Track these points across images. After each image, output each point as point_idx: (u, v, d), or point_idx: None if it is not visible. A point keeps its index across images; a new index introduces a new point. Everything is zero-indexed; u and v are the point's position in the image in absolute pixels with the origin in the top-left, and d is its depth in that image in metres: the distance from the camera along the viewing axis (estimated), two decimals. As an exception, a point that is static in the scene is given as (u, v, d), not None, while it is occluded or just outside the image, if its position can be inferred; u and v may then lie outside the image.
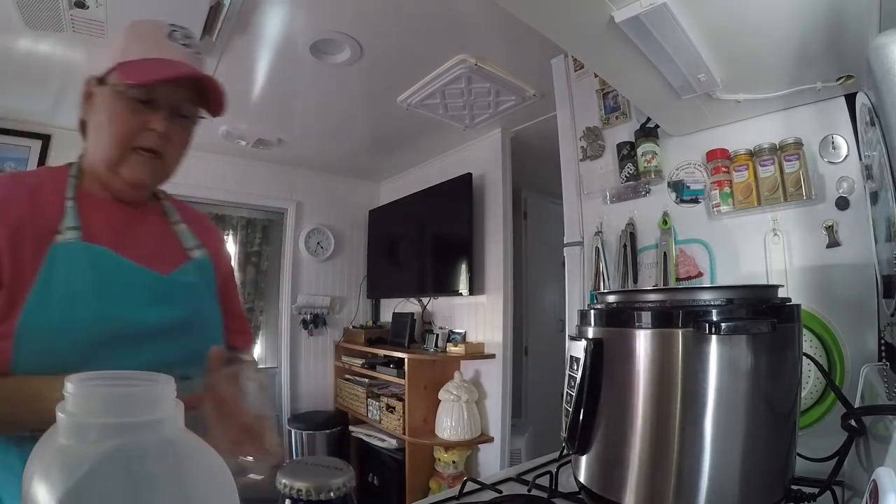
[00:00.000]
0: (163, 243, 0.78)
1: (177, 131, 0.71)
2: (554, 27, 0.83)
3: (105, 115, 0.68)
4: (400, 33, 1.85)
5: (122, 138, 0.67)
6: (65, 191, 0.69)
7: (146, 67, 0.65)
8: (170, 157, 0.72)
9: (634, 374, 0.57)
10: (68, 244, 0.64)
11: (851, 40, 0.79)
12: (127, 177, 0.69)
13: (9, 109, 2.51)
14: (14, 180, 0.69)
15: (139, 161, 0.69)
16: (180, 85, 0.69)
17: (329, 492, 0.33)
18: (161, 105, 0.68)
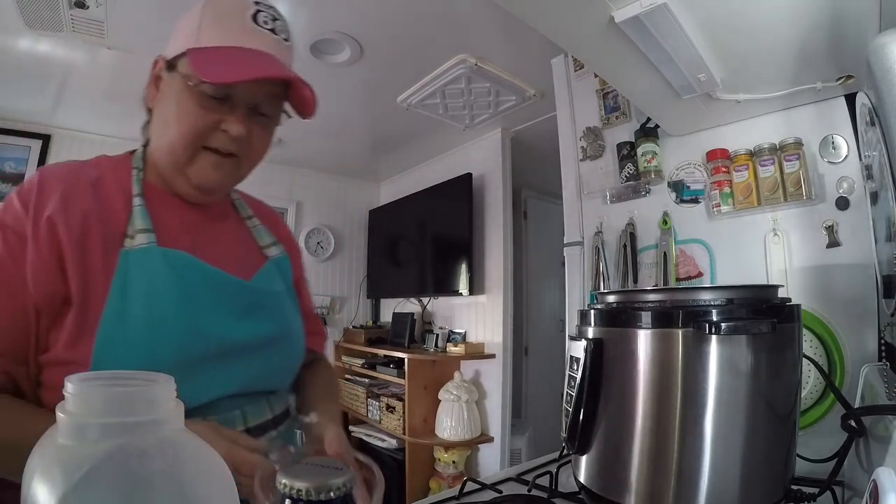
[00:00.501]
0: (239, 244, 0.69)
1: (256, 132, 0.61)
2: (554, 27, 0.83)
3: (173, 107, 0.58)
4: (400, 33, 1.86)
5: (191, 137, 0.57)
6: (130, 186, 0.60)
7: (223, 62, 0.55)
8: (246, 159, 0.62)
9: (634, 374, 0.57)
10: (143, 249, 0.55)
11: (851, 40, 0.79)
12: (194, 179, 0.60)
13: (9, 109, 2.51)
14: (74, 172, 0.58)
15: (210, 163, 0.59)
16: (263, 82, 0.58)
17: (329, 492, 0.33)
18: (238, 103, 0.58)
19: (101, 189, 0.58)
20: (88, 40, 1.79)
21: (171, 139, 0.58)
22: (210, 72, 0.54)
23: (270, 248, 0.72)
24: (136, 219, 0.57)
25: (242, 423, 0.59)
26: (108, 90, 2.31)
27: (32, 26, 1.68)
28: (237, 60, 0.56)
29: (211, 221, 0.66)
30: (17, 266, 0.51)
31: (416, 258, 3.15)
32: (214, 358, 0.57)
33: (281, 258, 0.73)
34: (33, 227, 0.52)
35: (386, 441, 2.74)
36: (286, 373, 0.69)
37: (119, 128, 2.76)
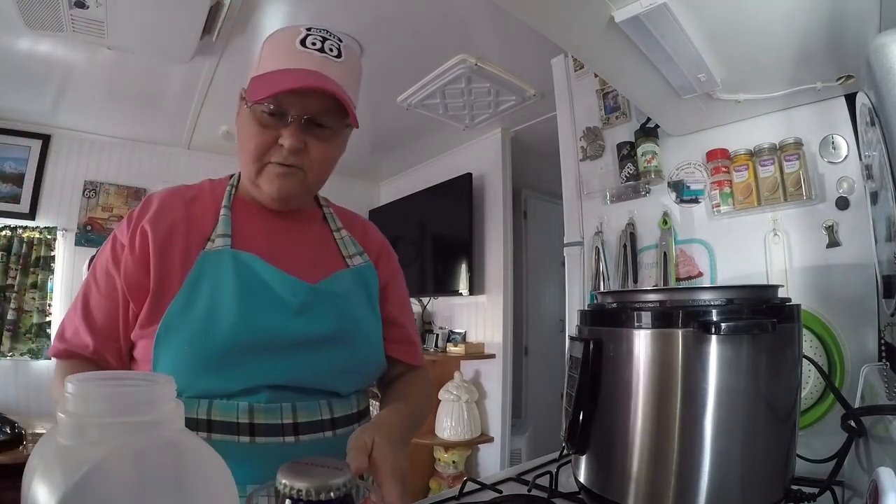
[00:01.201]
0: (319, 251, 0.74)
1: (314, 143, 0.66)
2: (554, 27, 0.83)
3: (242, 130, 0.67)
4: (400, 33, 1.86)
5: (255, 154, 0.65)
6: (221, 200, 0.70)
7: (268, 82, 0.62)
8: (309, 168, 0.67)
9: (634, 375, 0.57)
10: (217, 251, 0.64)
11: (851, 40, 0.79)
12: (266, 190, 0.67)
13: (9, 109, 2.51)
14: (172, 192, 0.70)
15: (276, 174, 0.66)
16: (310, 95, 0.63)
17: (329, 492, 0.33)
18: (291, 118, 0.63)
19: (194, 203, 0.69)
20: (88, 40, 1.79)
21: (244, 158, 0.67)
22: (255, 92, 0.62)
23: (355, 257, 0.76)
24: (219, 226, 0.67)
25: (291, 416, 0.61)
26: (108, 90, 2.31)
27: (32, 26, 1.68)
28: (279, 78, 0.62)
29: (294, 230, 0.73)
30: (117, 267, 0.64)
31: (416, 258, 3.15)
32: (264, 349, 0.61)
33: (364, 267, 0.76)
34: (131, 234, 0.64)
35: (386, 441, 2.74)
36: (348, 375, 0.69)
37: (119, 128, 2.76)
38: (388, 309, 0.78)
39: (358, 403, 0.70)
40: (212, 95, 2.35)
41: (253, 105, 0.63)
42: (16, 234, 2.57)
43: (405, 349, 0.79)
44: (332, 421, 0.65)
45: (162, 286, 0.62)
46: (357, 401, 0.71)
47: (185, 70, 2.06)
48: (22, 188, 2.65)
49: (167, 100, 2.43)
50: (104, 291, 0.64)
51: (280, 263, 0.66)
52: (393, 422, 0.61)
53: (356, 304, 0.72)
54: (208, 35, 1.79)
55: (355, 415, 0.69)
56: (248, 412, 0.59)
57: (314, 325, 0.65)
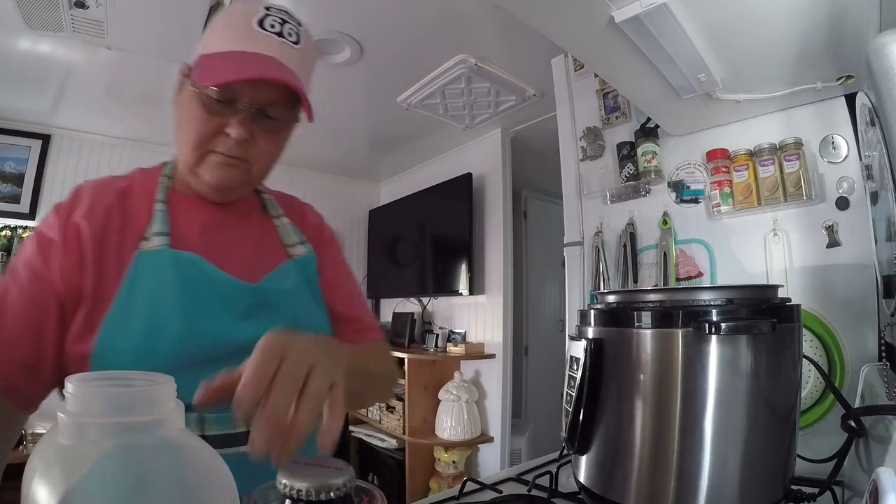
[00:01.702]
0: (260, 244, 0.70)
1: (262, 135, 0.61)
2: (554, 27, 0.83)
3: (184, 112, 0.61)
4: (400, 33, 1.86)
5: (197, 141, 0.60)
6: (155, 193, 0.64)
7: (220, 65, 0.57)
8: (255, 161, 0.63)
9: (634, 375, 0.57)
10: (154, 251, 0.58)
11: (851, 40, 0.79)
12: (207, 179, 0.62)
13: (9, 109, 2.51)
14: (103, 184, 0.64)
15: (218, 164, 0.61)
16: (264, 84, 0.58)
17: (329, 492, 0.33)
18: (241, 107, 0.58)
19: (127, 196, 0.62)
20: (88, 40, 1.79)
21: (183, 142, 0.62)
22: (204, 76, 0.56)
23: (296, 247, 0.72)
24: (154, 222, 0.61)
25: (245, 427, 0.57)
26: (108, 90, 2.31)
27: (32, 26, 1.68)
28: (233, 63, 0.57)
29: (233, 222, 0.67)
30: (46, 267, 0.56)
31: (416, 258, 3.15)
32: (214, 359, 0.56)
33: (306, 257, 0.72)
34: (62, 230, 0.57)
35: (386, 441, 2.74)
36: None
37: (119, 128, 2.76)
38: (344, 299, 0.74)
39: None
40: (212, 95, 2.35)
41: (201, 88, 0.57)
42: (16, 234, 2.57)
43: (368, 338, 0.75)
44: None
45: (98, 290, 0.55)
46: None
47: (185, 70, 2.06)
48: (22, 188, 2.65)
49: (167, 100, 2.42)
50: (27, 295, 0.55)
51: (220, 262, 0.62)
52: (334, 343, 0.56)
53: (303, 299, 0.68)
54: (208, 35, 1.79)
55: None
56: (198, 424, 0.55)
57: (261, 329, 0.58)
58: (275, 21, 0.60)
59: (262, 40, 0.59)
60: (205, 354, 0.56)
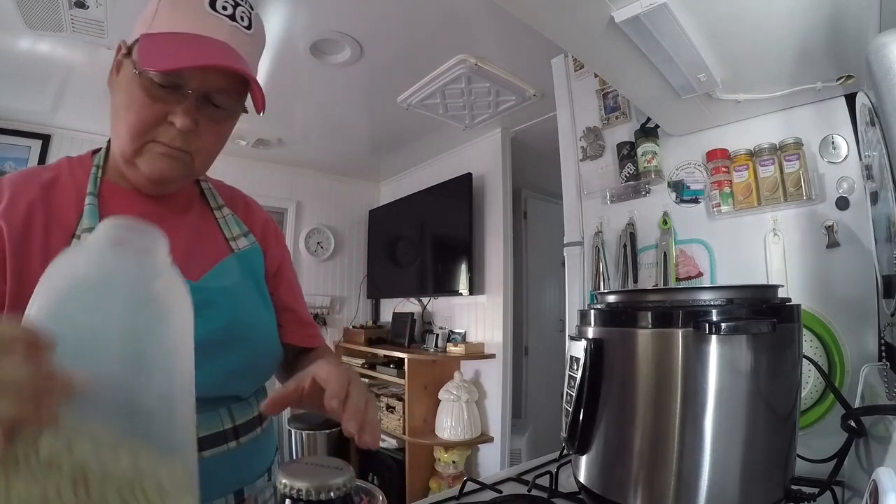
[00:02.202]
0: (199, 239, 0.65)
1: (207, 125, 0.57)
2: (554, 27, 0.83)
3: (124, 96, 0.56)
4: (400, 33, 1.86)
5: (137, 129, 0.55)
6: (85, 185, 0.59)
7: (167, 49, 0.52)
8: (197, 153, 0.59)
9: (634, 374, 0.57)
10: None
11: (851, 40, 0.79)
12: (145, 171, 0.57)
13: (9, 109, 2.51)
14: (26, 176, 0.58)
15: (159, 154, 0.56)
16: (213, 70, 0.54)
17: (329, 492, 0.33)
18: (187, 94, 0.54)
19: (53, 190, 0.57)
20: (88, 40, 1.79)
21: (121, 129, 0.57)
22: (149, 59, 0.52)
23: (239, 239, 0.68)
24: (85, 217, 0.56)
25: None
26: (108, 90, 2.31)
27: (32, 26, 1.68)
28: (183, 47, 0.53)
29: (170, 216, 0.63)
30: None
31: (416, 258, 3.15)
32: None
33: (249, 250, 0.68)
34: None
35: (386, 441, 2.74)
36: (247, 376, 0.63)
37: (119, 128, 2.76)
38: (280, 296, 0.72)
39: (258, 406, 0.64)
40: (212, 95, 2.35)
41: (144, 71, 0.53)
42: (16, 234, 2.57)
43: (302, 333, 0.73)
44: (234, 430, 0.59)
45: (19, 296, 0.49)
46: (257, 402, 0.65)
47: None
48: (22, 188, 2.65)
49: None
50: None
51: None
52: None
53: (246, 296, 0.64)
54: (208, 35, 1.79)
55: (257, 419, 0.64)
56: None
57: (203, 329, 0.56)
58: (227, 3, 0.57)
59: (213, 23, 0.55)
60: None
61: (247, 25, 0.58)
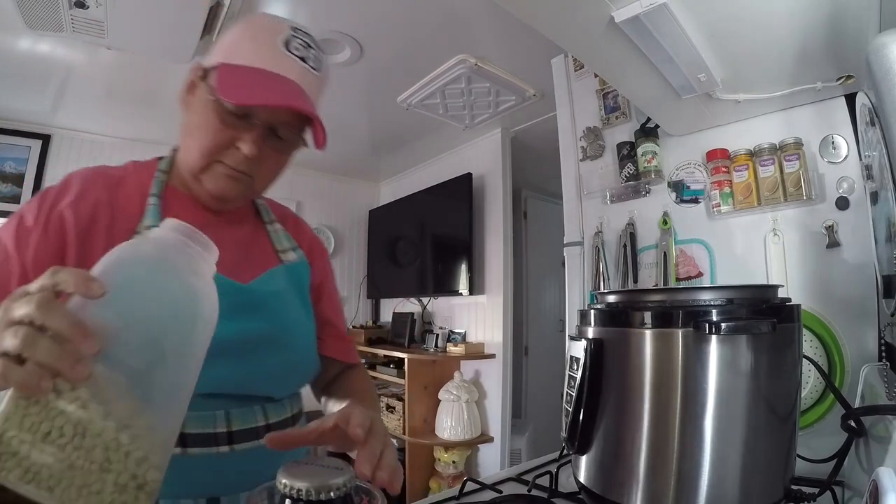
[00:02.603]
0: (251, 247, 0.70)
1: (270, 153, 0.62)
2: (554, 27, 0.83)
3: (197, 117, 0.61)
4: (400, 33, 1.86)
5: (207, 150, 0.60)
6: (149, 187, 0.63)
7: (244, 82, 0.57)
8: (258, 177, 0.64)
9: (634, 374, 0.57)
10: None
11: (851, 40, 0.79)
12: (209, 188, 0.62)
13: (9, 109, 2.51)
14: (95, 173, 0.63)
15: (223, 175, 0.61)
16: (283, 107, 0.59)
17: (329, 492, 0.33)
18: (256, 124, 0.59)
19: (119, 188, 0.62)
20: (88, 40, 1.79)
21: (191, 146, 0.61)
22: (228, 90, 0.56)
23: (288, 253, 0.73)
24: (147, 217, 0.60)
25: (225, 425, 0.58)
26: (108, 90, 2.31)
27: (32, 26, 1.68)
28: (257, 83, 0.57)
29: (225, 225, 0.67)
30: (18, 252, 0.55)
31: (416, 258, 3.15)
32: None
33: (297, 264, 0.73)
34: (46, 217, 0.56)
35: (386, 441, 2.74)
36: (284, 378, 0.66)
37: (119, 128, 2.76)
38: (322, 308, 0.76)
39: (291, 407, 0.68)
40: (212, 95, 2.35)
41: (220, 99, 0.57)
42: (16, 234, 2.57)
43: (340, 346, 0.77)
44: (266, 427, 0.62)
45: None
46: (291, 405, 0.68)
47: (185, 70, 2.05)
48: (22, 188, 2.64)
49: (167, 100, 2.43)
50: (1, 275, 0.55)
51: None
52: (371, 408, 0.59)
53: (289, 303, 0.68)
54: (208, 35, 1.79)
55: (290, 419, 0.67)
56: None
57: (247, 328, 0.61)
58: (300, 45, 0.61)
59: (286, 63, 0.59)
60: None
61: (315, 67, 0.63)
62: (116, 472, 0.31)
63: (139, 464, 0.32)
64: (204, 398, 0.57)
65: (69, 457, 0.29)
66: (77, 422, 0.30)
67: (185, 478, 0.53)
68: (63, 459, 0.29)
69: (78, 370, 0.30)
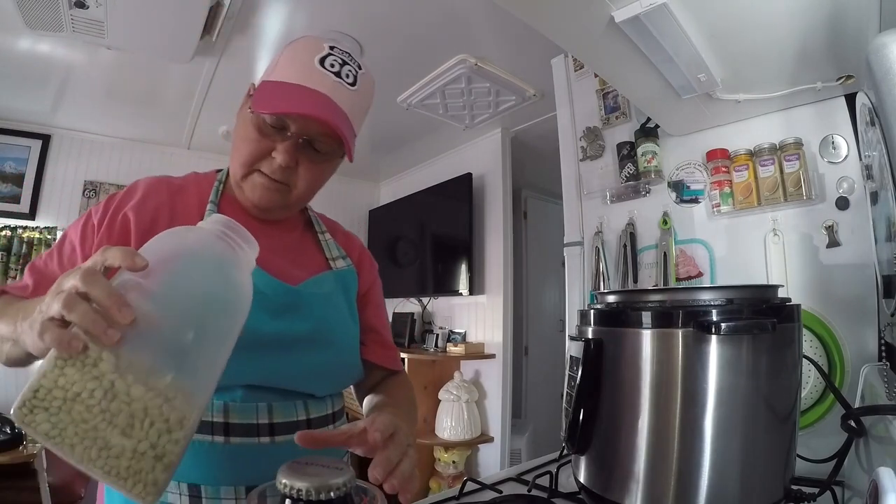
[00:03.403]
0: (301, 253, 0.74)
1: (306, 164, 0.66)
2: (554, 27, 0.83)
3: (241, 130, 0.66)
4: (400, 33, 1.86)
5: (247, 158, 0.65)
6: (208, 194, 0.69)
7: (276, 96, 0.61)
8: (296, 187, 0.67)
9: (634, 374, 0.57)
10: None
11: (851, 40, 0.79)
12: (249, 196, 0.67)
13: (9, 109, 2.51)
14: (159, 181, 0.69)
15: (261, 184, 0.65)
16: (313, 118, 0.61)
17: (329, 492, 0.33)
18: (291, 135, 0.63)
19: (179, 195, 0.67)
20: (88, 40, 1.79)
21: (234, 157, 0.67)
22: (261, 103, 0.61)
23: (338, 260, 0.76)
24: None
25: (267, 417, 0.60)
26: (108, 90, 2.31)
27: (32, 26, 1.68)
28: (287, 95, 0.61)
29: (276, 231, 0.72)
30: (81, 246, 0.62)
31: (416, 258, 3.15)
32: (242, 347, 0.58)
33: (346, 271, 0.76)
34: (111, 219, 0.62)
35: (386, 441, 2.74)
36: (325, 377, 0.68)
37: (119, 128, 2.76)
38: (367, 316, 0.79)
39: (333, 405, 0.70)
40: (212, 95, 2.35)
41: (256, 112, 0.62)
42: (16, 234, 2.57)
43: (384, 353, 0.80)
44: (307, 422, 0.64)
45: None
46: (332, 402, 0.70)
47: (185, 70, 2.06)
48: (22, 188, 2.65)
49: (167, 100, 2.43)
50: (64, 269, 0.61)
51: (263, 264, 0.64)
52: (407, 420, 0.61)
53: (336, 306, 0.72)
54: (208, 35, 1.79)
55: (330, 416, 0.69)
56: (222, 411, 0.58)
57: (293, 326, 0.65)
58: (335, 61, 0.65)
59: (319, 78, 0.63)
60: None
61: (351, 82, 0.66)
62: (137, 438, 0.32)
63: (160, 435, 0.33)
64: (249, 390, 0.60)
65: (95, 418, 0.31)
66: (108, 387, 0.32)
67: (226, 466, 0.57)
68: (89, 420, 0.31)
69: (109, 334, 0.33)
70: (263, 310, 0.62)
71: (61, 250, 0.64)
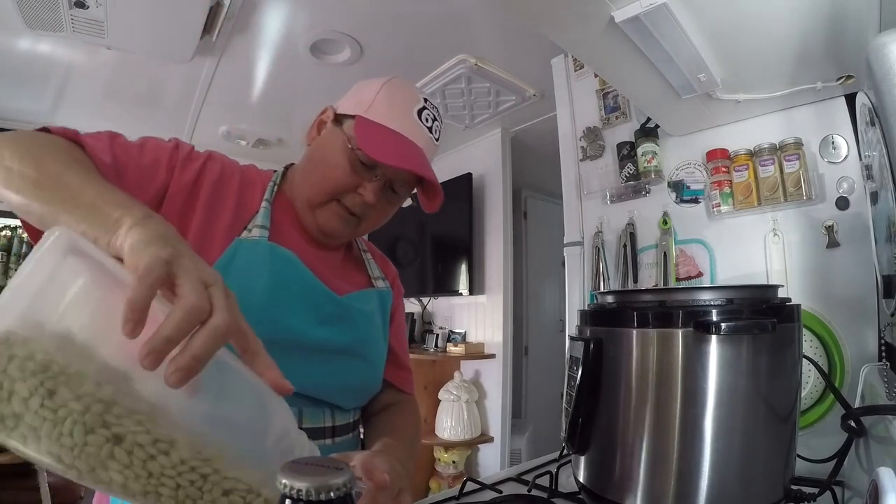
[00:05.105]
0: (345, 268, 0.76)
1: (383, 204, 0.69)
2: (554, 27, 0.83)
3: (327, 156, 0.66)
4: (400, 33, 1.86)
5: (331, 188, 0.65)
6: (264, 191, 0.69)
7: (383, 141, 0.63)
8: (366, 222, 0.70)
9: (634, 374, 0.57)
10: (254, 241, 0.62)
11: (851, 40, 0.79)
12: (321, 222, 0.68)
13: (9, 109, 2.50)
14: (234, 165, 0.69)
15: (338, 215, 0.67)
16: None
17: (329, 492, 0.33)
18: (380, 176, 0.65)
19: (246, 184, 0.68)
20: (88, 40, 1.79)
21: (314, 181, 0.67)
22: (370, 145, 0.62)
23: (378, 280, 0.79)
24: (259, 216, 0.65)
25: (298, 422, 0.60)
26: (108, 90, 2.31)
27: (32, 26, 1.68)
28: (394, 144, 0.64)
29: (323, 246, 0.72)
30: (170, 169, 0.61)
31: (416, 258, 3.15)
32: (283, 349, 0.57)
33: (384, 291, 0.78)
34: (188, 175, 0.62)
35: (386, 441, 2.74)
36: (356, 391, 0.70)
37: (119, 128, 2.73)
38: (389, 337, 0.80)
39: (355, 413, 0.73)
40: (212, 95, 2.35)
41: (358, 149, 0.63)
42: (16, 234, 2.57)
43: (398, 374, 0.81)
44: (332, 429, 0.66)
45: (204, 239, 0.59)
46: (354, 411, 0.72)
47: (185, 70, 2.06)
48: (22, 188, 2.64)
49: (167, 100, 2.43)
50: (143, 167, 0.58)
51: (312, 268, 0.66)
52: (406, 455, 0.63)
53: (374, 324, 0.73)
54: (208, 35, 1.79)
55: (352, 424, 0.71)
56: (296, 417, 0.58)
57: (336, 337, 0.66)
58: (429, 116, 0.69)
59: (417, 131, 0.66)
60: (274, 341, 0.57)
61: (437, 138, 0.71)
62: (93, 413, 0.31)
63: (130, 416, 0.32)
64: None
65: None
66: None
67: None
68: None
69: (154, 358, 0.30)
70: (312, 315, 0.64)
71: (142, 153, 0.60)
